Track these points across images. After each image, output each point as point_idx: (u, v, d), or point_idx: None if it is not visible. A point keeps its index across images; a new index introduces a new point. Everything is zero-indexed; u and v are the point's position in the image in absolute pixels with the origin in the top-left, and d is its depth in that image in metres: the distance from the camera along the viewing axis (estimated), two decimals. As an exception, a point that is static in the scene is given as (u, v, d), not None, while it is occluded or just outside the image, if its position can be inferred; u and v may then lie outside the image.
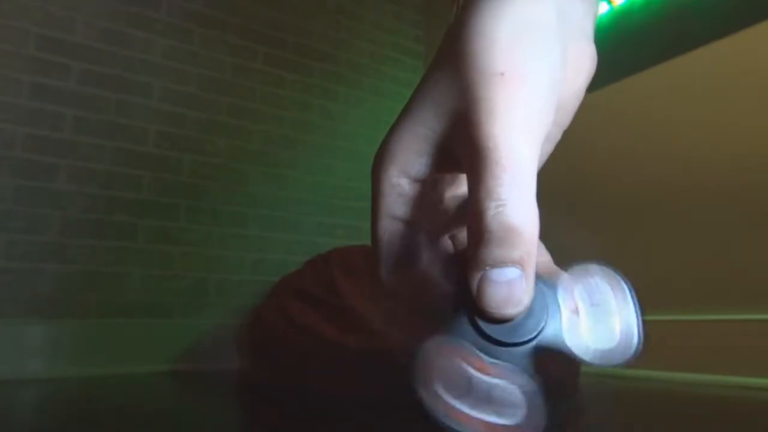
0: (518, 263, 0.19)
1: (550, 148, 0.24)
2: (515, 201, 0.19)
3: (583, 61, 0.23)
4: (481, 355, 0.19)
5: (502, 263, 0.19)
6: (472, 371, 0.19)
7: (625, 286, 0.21)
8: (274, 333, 1.00)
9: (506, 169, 0.19)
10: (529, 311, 0.20)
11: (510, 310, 0.19)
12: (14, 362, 1.21)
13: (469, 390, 0.19)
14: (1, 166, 1.27)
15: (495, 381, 0.19)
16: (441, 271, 0.23)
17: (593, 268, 0.21)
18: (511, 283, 0.19)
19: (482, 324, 0.19)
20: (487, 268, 0.19)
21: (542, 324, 0.20)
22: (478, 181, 0.19)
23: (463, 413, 0.19)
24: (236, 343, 1.16)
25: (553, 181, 1.50)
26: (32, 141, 1.31)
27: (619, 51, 1.41)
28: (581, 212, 1.44)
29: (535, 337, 0.20)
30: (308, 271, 1.09)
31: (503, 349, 0.20)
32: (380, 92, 1.92)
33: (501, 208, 0.19)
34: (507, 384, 0.19)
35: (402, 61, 2.00)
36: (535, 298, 0.20)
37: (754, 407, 0.88)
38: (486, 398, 0.19)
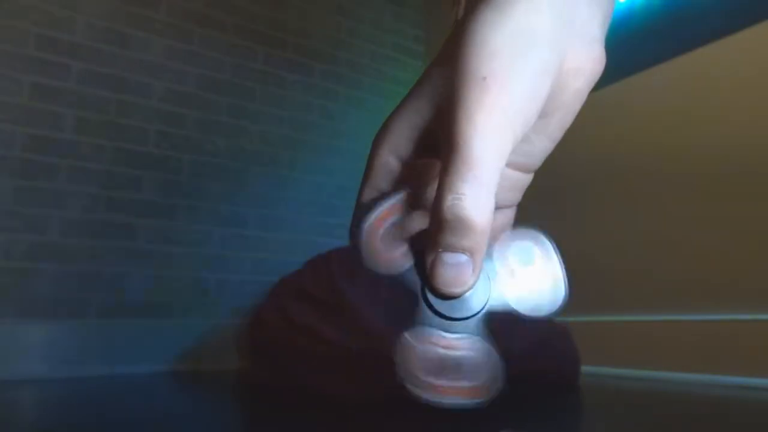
0: (467, 251, 0.21)
1: (550, 146, 0.26)
2: (472, 196, 0.21)
3: (584, 63, 0.24)
4: (444, 334, 0.22)
5: (453, 249, 0.21)
6: (440, 351, 0.22)
7: (549, 246, 0.24)
8: (274, 333, 1.00)
9: (470, 167, 0.21)
10: (474, 294, 0.23)
11: (456, 289, 0.22)
12: (14, 362, 1.21)
13: (442, 367, 0.22)
14: (1, 166, 1.27)
15: (460, 353, 0.22)
16: (409, 245, 0.25)
17: (521, 231, 0.24)
18: (459, 266, 0.22)
19: (435, 302, 0.22)
20: (440, 250, 0.22)
21: (487, 297, 0.23)
22: (444, 173, 0.21)
23: (442, 387, 0.22)
24: (236, 343, 1.16)
25: (557, 178, 1.50)
26: (32, 141, 1.31)
27: (619, 51, 1.41)
28: (584, 210, 1.44)
29: (482, 309, 0.23)
30: (308, 271, 1.09)
31: (459, 323, 0.23)
32: (380, 92, 1.92)
33: (458, 201, 0.21)
34: (470, 353, 0.22)
35: (402, 61, 2.00)
36: (487, 285, 0.23)
37: (754, 407, 0.88)
38: (456, 368, 0.22)
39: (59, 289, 1.30)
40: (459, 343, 0.23)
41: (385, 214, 0.24)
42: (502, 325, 0.24)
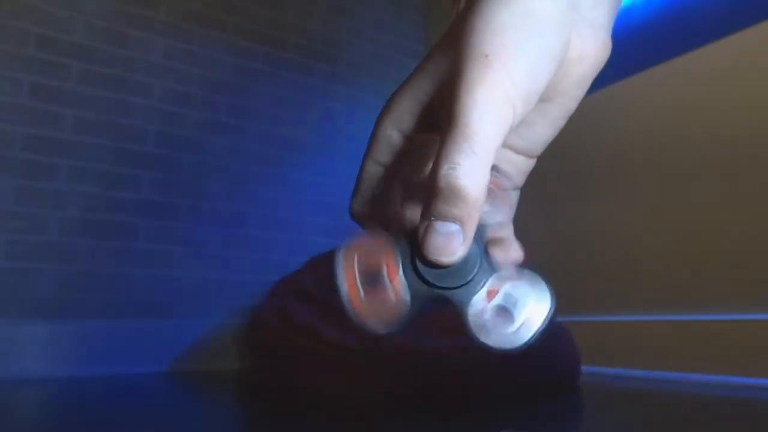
0: (459, 220, 0.22)
1: (552, 132, 0.26)
2: (466, 167, 0.21)
3: (589, 49, 0.24)
4: (401, 265, 0.23)
5: (444, 217, 0.22)
6: (384, 271, 0.23)
7: (548, 302, 0.23)
8: (274, 333, 1.00)
9: (467, 138, 0.21)
10: (461, 269, 0.23)
11: (444, 258, 0.22)
12: (14, 362, 1.21)
13: (375, 283, 0.23)
14: (1, 166, 1.27)
15: (393, 285, 0.23)
16: (407, 214, 0.26)
17: (530, 274, 0.24)
18: (449, 236, 0.22)
19: (424, 271, 0.23)
20: (432, 218, 0.22)
21: (461, 285, 0.23)
22: (442, 144, 0.22)
23: (361, 303, 0.23)
24: (236, 343, 1.16)
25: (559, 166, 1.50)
26: (32, 141, 1.31)
27: (620, 51, 1.41)
28: (584, 210, 1.44)
29: (448, 288, 0.23)
30: (308, 271, 1.09)
31: (447, 292, 0.23)
32: (380, 92, 1.92)
33: (452, 171, 0.21)
34: (402, 290, 0.23)
35: (402, 61, 2.00)
36: (476, 264, 0.23)
37: (754, 407, 0.88)
38: (381, 295, 0.23)
39: (59, 289, 1.30)
40: (400, 280, 0.23)
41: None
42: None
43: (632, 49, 1.38)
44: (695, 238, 1.20)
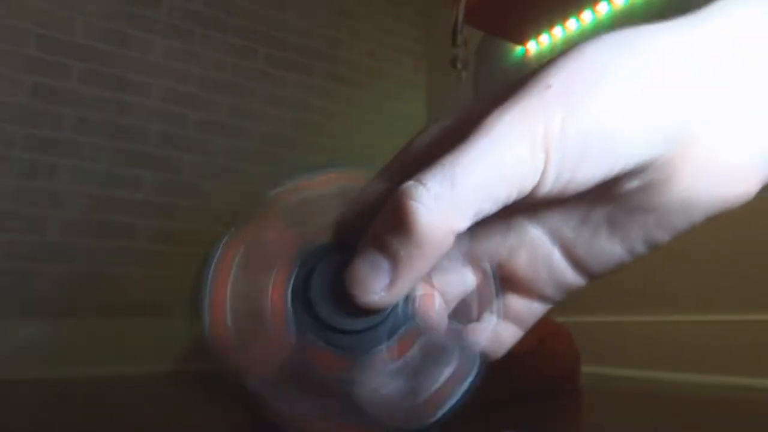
0: (391, 257, 0.16)
1: (624, 256, 0.20)
2: (433, 194, 0.15)
3: (723, 167, 0.17)
4: (291, 281, 0.17)
5: (377, 244, 0.16)
6: (315, 367, 0.17)
7: (473, 370, 0.18)
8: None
9: (455, 164, 0.15)
10: (380, 321, 0.17)
11: (356, 293, 0.16)
12: (14, 362, 1.21)
13: (310, 386, 0.17)
14: (1, 166, 1.27)
15: (343, 376, 0.17)
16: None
17: (456, 330, 0.18)
18: (375, 270, 0.16)
19: (324, 304, 0.17)
20: (369, 238, 0.16)
21: (362, 329, 0.17)
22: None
23: (303, 416, 0.17)
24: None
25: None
26: (32, 141, 1.31)
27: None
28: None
29: (341, 331, 0.17)
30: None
31: (346, 336, 0.17)
32: (380, 92, 1.92)
33: (413, 189, 0.15)
34: (359, 379, 0.17)
35: (402, 61, 2.00)
36: (399, 318, 0.17)
37: (754, 407, 0.88)
38: (332, 396, 0.17)
39: (59, 289, 1.30)
40: (342, 362, 0.17)
41: (308, 184, 0.18)
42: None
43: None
44: (695, 238, 1.20)
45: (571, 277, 0.21)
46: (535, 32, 1.59)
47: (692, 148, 0.16)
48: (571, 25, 1.53)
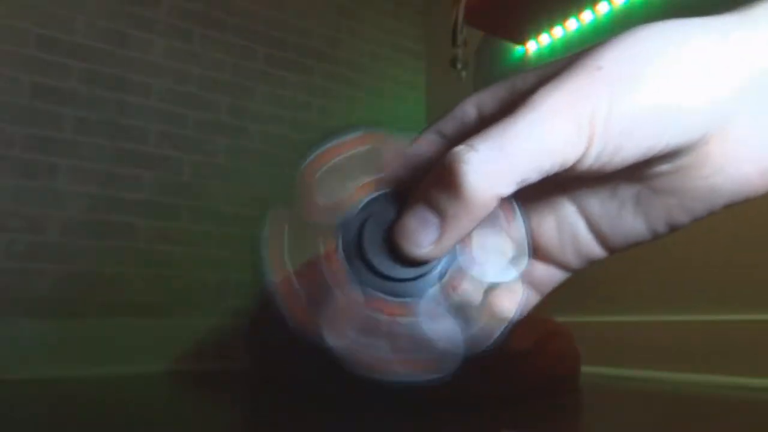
0: (441, 215, 0.17)
1: (645, 234, 0.21)
2: (484, 157, 0.16)
3: (745, 155, 0.18)
4: (387, 298, 0.19)
5: (428, 202, 0.18)
6: (379, 316, 0.19)
7: (519, 291, 0.20)
8: (275, 333, 0.99)
9: (504, 133, 0.16)
10: (430, 269, 0.19)
11: (404, 244, 0.18)
12: (14, 362, 1.21)
13: (377, 334, 0.19)
14: (1, 166, 1.27)
15: (403, 321, 0.19)
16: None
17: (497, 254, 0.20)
18: (424, 224, 0.18)
19: (378, 258, 0.19)
20: (419, 199, 0.18)
21: (414, 277, 0.19)
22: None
23: (377, 358, 0.19)
24: (236, 343, 1.16)
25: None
26: (32, 141, 1.31)
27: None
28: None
29: (429, 272, 0.19)
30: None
31: (400, 284, 0.19)
32: (380, 92, 1.92)
33: (464, 153, 0.17)
34: (415, 321, 0.19)
35: (402, 61, 2.00)
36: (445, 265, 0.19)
37: (754, 407, 0.88)
38: (396, 338, 0.19)
39: (59, 289, 1.30)
40: (403, 308, 0.19)
41: (334, 150, 0.20)
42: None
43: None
44: (696, 238, 1.20)
45: (594, 248, 0.22)
46: (535, 32, 1.60)
47: (724, 137, 0.17)
48: (571, 24, 1.53)
